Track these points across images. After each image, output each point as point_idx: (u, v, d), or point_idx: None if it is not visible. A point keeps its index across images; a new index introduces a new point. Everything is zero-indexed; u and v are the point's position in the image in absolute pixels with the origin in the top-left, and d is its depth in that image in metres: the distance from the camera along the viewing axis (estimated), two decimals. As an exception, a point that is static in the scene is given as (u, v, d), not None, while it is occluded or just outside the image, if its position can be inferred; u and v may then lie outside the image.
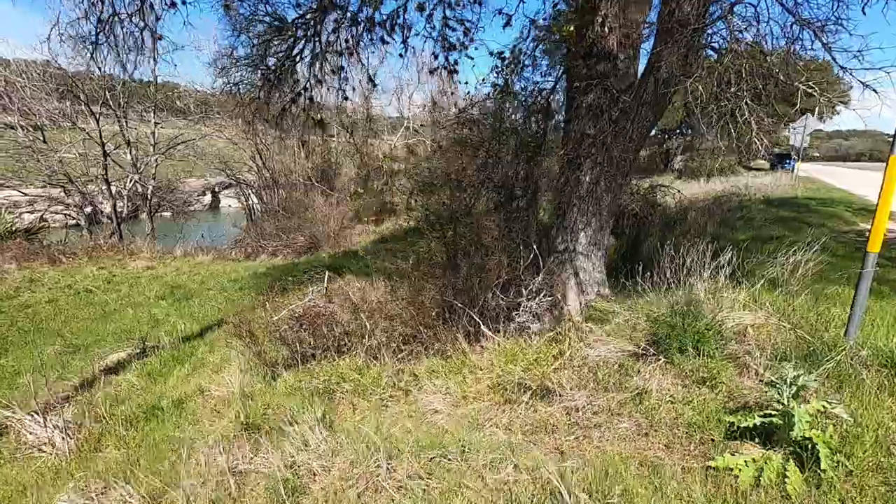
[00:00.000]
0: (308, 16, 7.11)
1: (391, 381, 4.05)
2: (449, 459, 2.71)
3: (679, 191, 9.53)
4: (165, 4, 6.55)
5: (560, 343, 4.00)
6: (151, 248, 15.02)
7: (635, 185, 9.94)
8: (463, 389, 3.66)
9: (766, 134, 3.35)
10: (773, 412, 2.43)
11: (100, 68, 16.18)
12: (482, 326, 4.42)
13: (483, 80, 5.14)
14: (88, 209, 18.07)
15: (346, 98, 8.49)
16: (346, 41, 7.47)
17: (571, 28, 3.98)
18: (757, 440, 2.50)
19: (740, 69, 3.13)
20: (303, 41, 7.25)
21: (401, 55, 7.46)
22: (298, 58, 7.33)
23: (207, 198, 37.50)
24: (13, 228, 14.94)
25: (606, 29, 4.36)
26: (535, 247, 4.62)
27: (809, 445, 2.23)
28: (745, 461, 2.31)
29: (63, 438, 4.13)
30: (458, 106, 5.34)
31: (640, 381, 3.13)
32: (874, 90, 3.22)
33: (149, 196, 17.76)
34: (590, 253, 4.76)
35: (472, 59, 6.77)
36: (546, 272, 4.75)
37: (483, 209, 4.81)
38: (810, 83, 3.13)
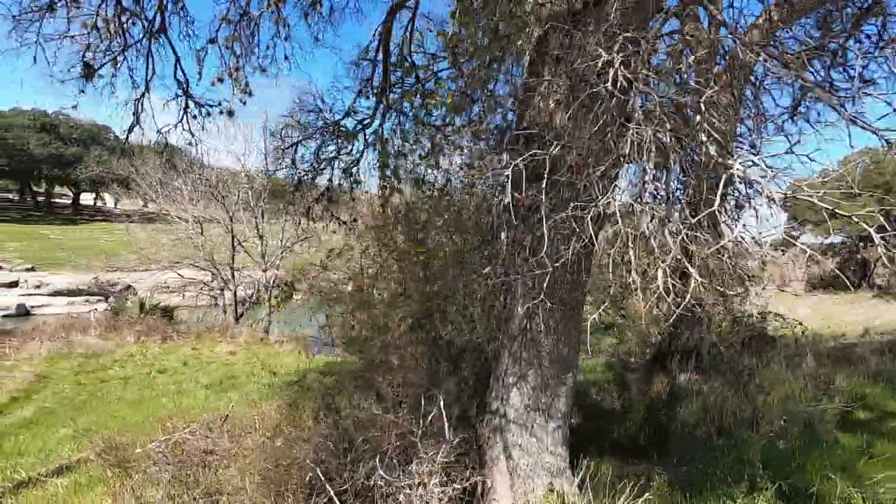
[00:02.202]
0: (365, 122, 7.09)
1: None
2: None
3: (801, 322, 6.73)
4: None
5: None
6: (251, 334, 16.10)
7: (744, 311, 7.41)
8: None
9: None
10: None
11: (245, 172, 19.44)
12: (340, 517, 3.03)
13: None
14: (226, 293, 20.63)
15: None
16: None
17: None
18: None
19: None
20: (362, 145, 7.21)
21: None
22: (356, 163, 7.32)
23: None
24: (158, 305, 17.44)
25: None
26: (441, 401, 3.19)
27: None
28: None
29: None
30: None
31: None
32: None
33: (269, 285, 19.54)
34: (529, 423, 3.08)
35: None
36: (462, 441, 3.24)
37: (397, 335, 3.57)
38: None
